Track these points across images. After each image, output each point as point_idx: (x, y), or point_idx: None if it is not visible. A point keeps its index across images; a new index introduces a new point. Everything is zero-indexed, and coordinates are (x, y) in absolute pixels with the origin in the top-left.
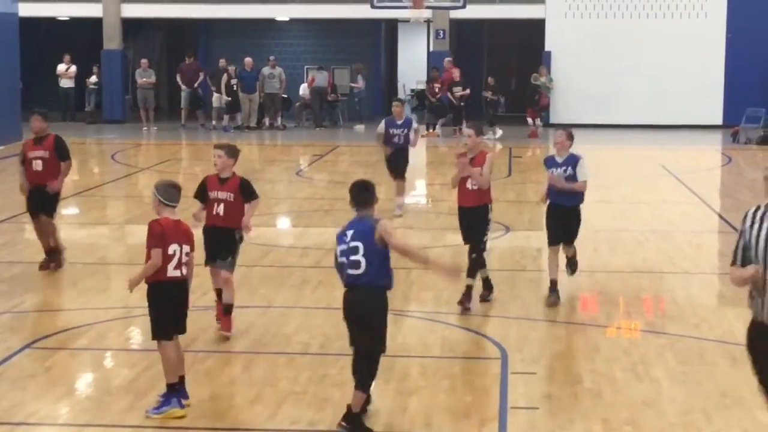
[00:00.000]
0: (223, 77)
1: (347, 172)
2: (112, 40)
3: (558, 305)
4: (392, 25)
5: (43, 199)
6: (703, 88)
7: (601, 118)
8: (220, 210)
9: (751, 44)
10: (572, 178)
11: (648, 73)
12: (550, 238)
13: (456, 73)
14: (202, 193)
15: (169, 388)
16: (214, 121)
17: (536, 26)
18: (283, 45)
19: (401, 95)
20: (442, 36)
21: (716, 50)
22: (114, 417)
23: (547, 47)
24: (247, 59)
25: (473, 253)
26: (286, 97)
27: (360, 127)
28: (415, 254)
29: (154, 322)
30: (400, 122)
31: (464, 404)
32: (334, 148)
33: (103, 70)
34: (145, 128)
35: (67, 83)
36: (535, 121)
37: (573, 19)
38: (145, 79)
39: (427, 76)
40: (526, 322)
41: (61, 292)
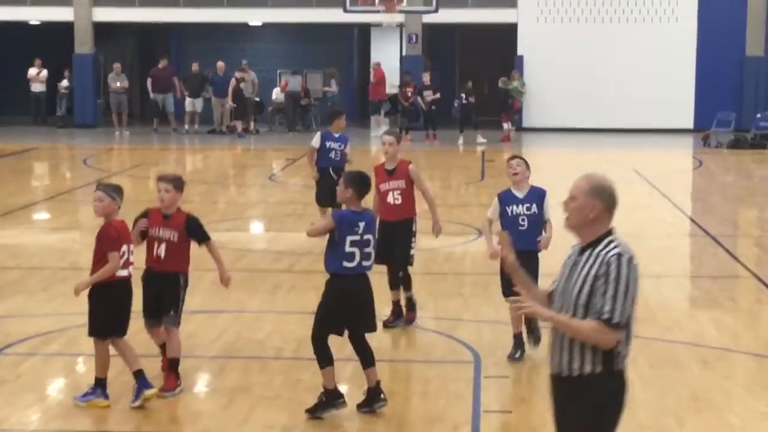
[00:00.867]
0: (231, 83)
1: None
2: (84, 45)
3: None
4: (365, 30)
5: None
6: (674, 93)
7: (573, 122)
8: (161, 251)
9: (721, 48)
10: (536, 218)
11: (619, 78)
12: (505, 289)
13: (426, 77)
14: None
15: (98, 382)
16: (187, 126)
17: (508, 30)
18: (256, 49)
19: None
20: (415, 40)
21: (687, 55)
22: (86, 423)
23: (520, 51)
24: (220, 63)
25: (399, 270)
26: (259, 101)
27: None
28: None
29: (95, 321)
30: (337, 135)
31: (437, 408)
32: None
33: (74, 74)
34: (117, 132)
35: (38, 87)
36: (508, 125)
37: (545, 24)
38: (118, 84)
39: (399, 80)
40: (499, 326)
41: (32, 298)
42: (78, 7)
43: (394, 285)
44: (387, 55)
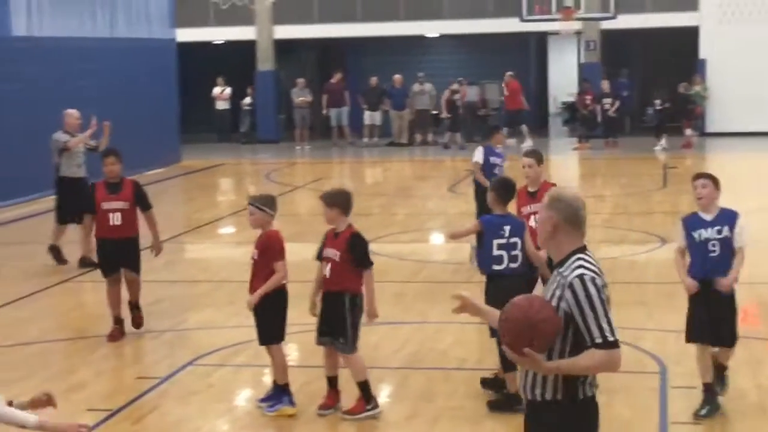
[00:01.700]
0: (445, 94)
1: None
2: (266, 62)
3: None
4: (542, 38)
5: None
6: None
7: (759, 126)
8: (326, 271)
9: None
10: (727, 243)
11: None
12: (695, 333)
13: (605, 85)
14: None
15: (281, 389)
16: (366, 138)
17: (689, 34)
18: (433, 61)
19: (552, 107)
20: (593, 47)
21: None
22: None
23: (702, 55)
24: (397, 76)
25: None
26: (436, 113)
27: (511, 141)
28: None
29: (266, 328)
30: (498, 150)
31: (623, 419)
32: None
33: (257, 91)
34: (299, 147)
35: (222, 105)
36: (689, 131)
37: (728, 26)
38: (302, 99)
39: (578, 87)
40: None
41: (220, 310)
42: (260, 25)
43: None
44: (564, 63)
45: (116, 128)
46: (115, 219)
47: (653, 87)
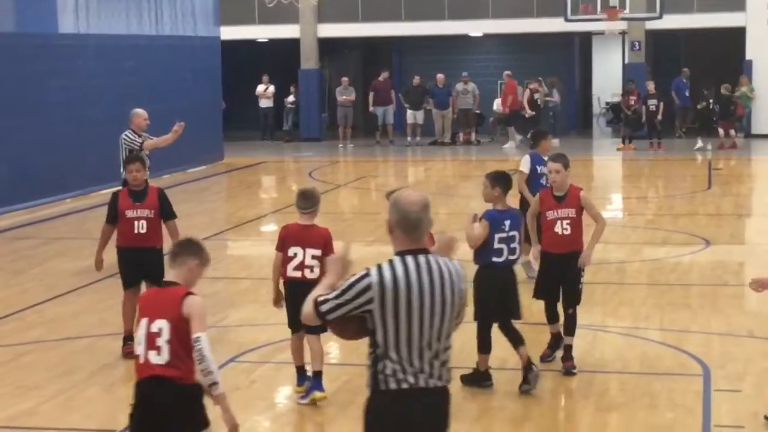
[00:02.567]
0: (526, 92)
1: None
2: (309, 60)
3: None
4: (586, 38)
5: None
6: None
7: None
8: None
9: None
10: None
11: None
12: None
13: (650, 86)
14: None
15: (317, 376)
16: (409, 137)
17: (736, 35)
18: (476, 60)
19: (596, 108)
20: (638, 48)
21: None
22: (316, 429)
23: (748, 56)
24: (439, 75)
25: (568, 309)
26: (480, 113)
27: (555, 141)
28: None
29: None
30: (546, 158)
31: (665, 421)
32: None
33: (300, 89)
34: (341, 145)
35: (265, 103)
36: (729, 132)
37: None
38: (345, 97)
39: (622, 88)
40: (729, 338)
41: (263, 308)
42: (304, 24)
43: (552, 319)
44: (609, 63)
45: (160, 126)
46: (140, 227)
47: (699, 88)
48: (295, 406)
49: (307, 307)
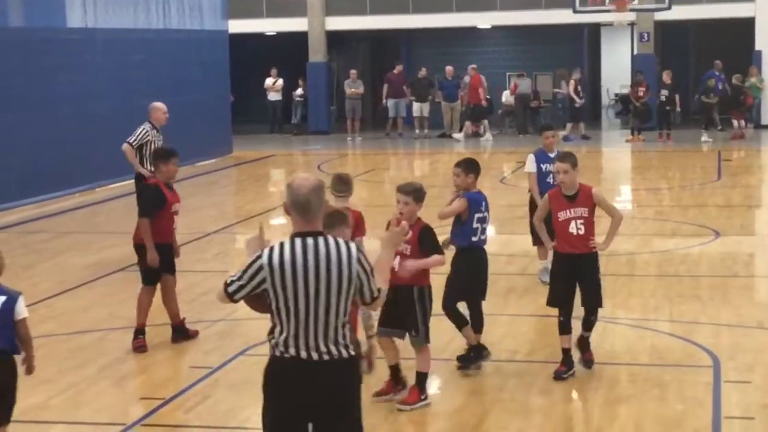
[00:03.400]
0: (571, 84)
1: None
2: (317, 53)
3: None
4: (595, 29)
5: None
6: None
7: None
8: (395, 264)
9: None
10: None
11: None
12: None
13: (666, 76)
14: None
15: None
16: (417, 130)
17: (745, 25)
18: (485, 53)
19: (605, 99)
20: (647, 39)
21: None
22: None
23: (758, 46)
24: (448, 68)
25: (590, 313)
26: (488, 104)
27: (564, 133)
28: None
29: None
30: (552, 155)
31: (675, 413)
32: None
33: (308, 82)
34: (350, 138)
35: (274, 96)
36: (740, 123)
37: None
38: (353, 90)
39: (631, 79)
40: (739, 330)
41: None
42: (312, 17)
43: (565, 328)
44: (618, 55)
45: (169, 119)
46: (176, 222)
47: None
48: None
49: (220, 287)
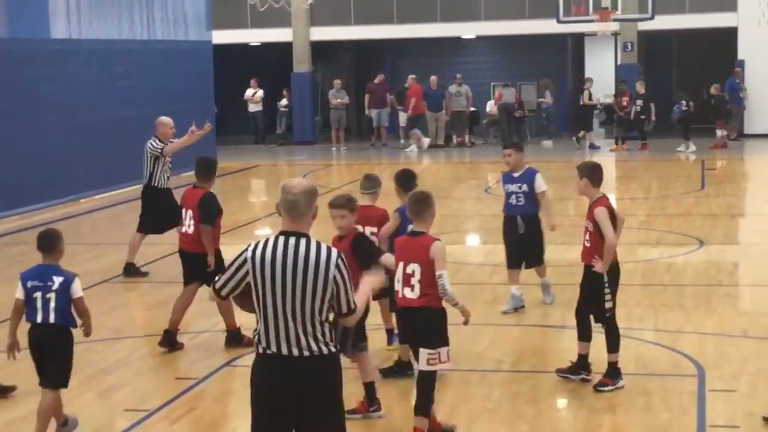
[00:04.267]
0: (585, 94)
1: None
2: (302, 63)
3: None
4: (579, 39)
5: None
6: None
7: None
8: None
9: None
10: None
11: None
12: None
13: (639, 87)
14: None
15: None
16: (402, 140)
17: (728, 35)
18: (469, 63)
19: None
20: (630, 48)
21: None
22: None
23: (740, 56)
24: (432, 78)
25: (602, 321)
26: (475, 111)
27: (548, 143)
28: None
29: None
30: (517, 175)
31: (661, 422)
32: None
33: (293, 92)
34: (335, 149)
35: (254, 108)
36: (722, 132)
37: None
38: (339, 100)
39: (615, 89)
40: (724, 338)
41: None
42: (296, 27)
43: (585, 337)
44: (602, 64)
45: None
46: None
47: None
48: None
49: (210, 287)
